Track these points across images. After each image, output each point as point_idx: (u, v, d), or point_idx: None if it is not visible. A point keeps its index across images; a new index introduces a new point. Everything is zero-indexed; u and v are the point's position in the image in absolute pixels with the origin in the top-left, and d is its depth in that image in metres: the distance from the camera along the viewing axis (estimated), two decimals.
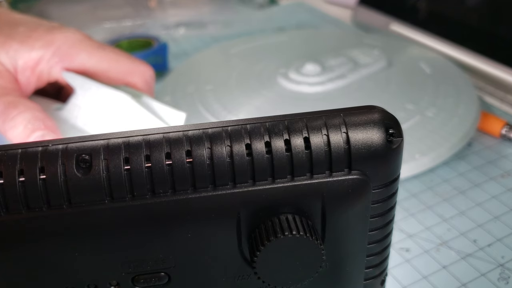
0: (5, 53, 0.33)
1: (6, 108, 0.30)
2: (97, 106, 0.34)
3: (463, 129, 0.40)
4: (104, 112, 0.33)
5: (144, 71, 0.37)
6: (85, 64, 0.35)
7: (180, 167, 0.18)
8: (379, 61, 0.50)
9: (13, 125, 0.30)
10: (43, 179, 0.17)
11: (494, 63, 0.49)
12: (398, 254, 0.32)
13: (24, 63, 0.33)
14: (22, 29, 0.34)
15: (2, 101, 0.31)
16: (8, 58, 0.33)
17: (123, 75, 0.36)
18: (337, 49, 0.53)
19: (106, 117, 0.33)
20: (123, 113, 0.33)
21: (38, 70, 0.34)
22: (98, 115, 0.34)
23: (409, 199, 0.36)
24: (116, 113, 0.33)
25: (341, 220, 0.20)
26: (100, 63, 0.35)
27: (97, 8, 0.75)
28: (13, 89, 0.32)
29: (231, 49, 0.57)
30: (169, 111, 0.35)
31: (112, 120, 0.33)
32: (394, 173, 0.20)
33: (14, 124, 0.30)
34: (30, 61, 0.33)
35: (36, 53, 0.33)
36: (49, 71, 0.34)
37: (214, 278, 0.20)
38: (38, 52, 0.33)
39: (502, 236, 0.33)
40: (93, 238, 0.18)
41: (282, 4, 0.78)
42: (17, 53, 0.33)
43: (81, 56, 0.34)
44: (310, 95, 0.47)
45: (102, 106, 0.33)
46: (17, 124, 0.30)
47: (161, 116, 0.34)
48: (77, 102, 0.34)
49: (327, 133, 0.18)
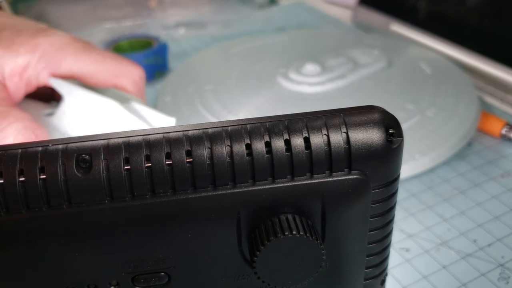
0: None
1: None
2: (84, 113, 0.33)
3: (463, 129, 0.40)
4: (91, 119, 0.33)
5: (132, 72, 0.37)
6: (72, 68, 0.34)
7: (180, 167, 0.18)
8: (379, 61, 0.50)
9: (4, 136, 0.29)
10: (43, 179, 0.17)
11: (494, 63, 0.49)
12: (398, 254, 0.32)
13: (11, 69, 0.32)
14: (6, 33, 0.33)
15: None
16: None
17: (110, 77, 0.35)
18: (337, 49, 0.53)
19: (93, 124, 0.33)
20: (110, 119, 0.33)
21: (26, 76, 0.33)
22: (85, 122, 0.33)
23: (409, 199, 0.36)
24: (103, 119, 0.33)
25: (341, 220, 0.20)
26: (87, 66, 0.35)
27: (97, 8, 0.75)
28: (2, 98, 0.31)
29: (231, 49, 0.57)
30: (158, 116, 0.35)
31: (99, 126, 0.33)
32: (394, 173, 0.20)
33: (4, 135, 0.29)
34: (17, 67, 0.32)
35: (22, 59, 0.33)
36: (37, 76, 0.33)
37: (214, 278, 0.20)
38: (23, 58, 0.33)
39: (502, 236, 0.33)
40: (93, 238, 0.18)
41: (282, 4, 0.78)
42: (2, 59, 0.32)
43: (67, 60, 0.34)
44: (310, 95, 0.47)
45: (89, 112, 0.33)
46: (7, 135, 0.29)
47: (149, 121, 0.34)
48: (65, 109, 0.34)
49: (327, 133, 0.18)
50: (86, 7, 0.76)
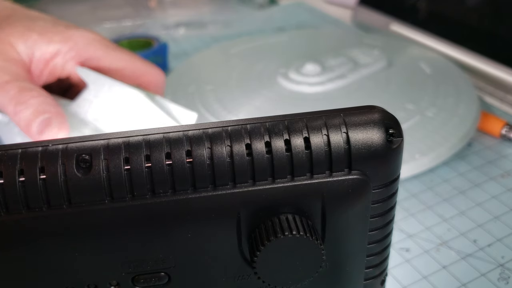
0: (23, 42, 0.33)
1: (19, 91, 0.31)
2: (110, 102, 0.34)
3: (463, 129, 0.40)
4: (116, 109, 0.34)
5: (157, 74, 0.38)
6: (100, 62, 0.36)
7: (180, 167, 0.18)
8: (379, 61, 0.50)
9: (24, 108, 0.31)
10: (43, 179, 0.17)
11: (494, 63, 0.49)
12: (398, 254, 0.32)
13: (41, 54, 0.34)
14: (41, 23, 0.35)
15: (16, 85, 0.31)
16: (26, 48, 0.33)
17: (137, 76, 0.37)
18: (337, 49, 0.53)
19: (118, 114, 0.34)
20: (136, 110, 0.34)
21: (53, 64, 0.35)
22: (110, 111, 0.34)
23: (409, 199, 0.36)
24: (129, 110, 0.34)
25: (341, 220, 0.20)
26: (116, 62, 0.36)
27: (97, 8, 0.75)
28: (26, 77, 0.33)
29: (231, 49, 0.57)
30: (181, 111, 0.35)
31: (124, 117, 0.34)
32: (394, 173, 0.20)
33: (25, 106, 0.31)
34: (47, 53, 0.34)
35: (54, 47, 0.34)
36: (64, 65, 0.35)
37: (214, 278, 0.20)
38: (56, 45, 0.34)
39: (502, 236, 0.33)
40: (93, 238, 0.18)
41: (282, 4, 0.78)
42: (35, 44, 0.34)
43: (97, 54, 0.35)
44: (310, 95, 0.47)
45: (115, 102, 0.34)
46: (28, 106, 0.31)
47: (174, 115, 0.35)
48: (89, 97, 0.34)
49: (327, 133, 0.18)
50: (86, 7, 0.76)
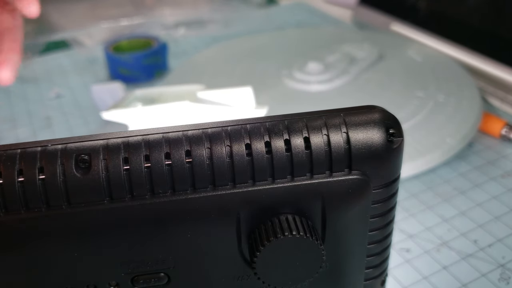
0: None
1: None
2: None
3: (464, 129, 0.40)
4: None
5: None
6: None
7: (179, 167, 0.18)
8: (380, 60, 0.50)
9: None
10: (42, 179, 0.17)
11: (495, 63, 0.49)
12: (398, 255, 0.32)
13: None
14: None
15: None
16: None
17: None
18: (336, 47, 0.53)
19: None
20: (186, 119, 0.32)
21: None
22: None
23: (409, 199, 0.36)
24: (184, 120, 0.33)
25: (341, 220, 0.20)
26: None
27: (96, 8, 0.75)
28: None
29: (231, 49, 0.57)
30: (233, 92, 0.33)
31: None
32: (395, 173, 0.20)
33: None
34: None
35: None
36: None
37: (214, 279, 0.20)
38: None
39: (502, 236, 0.33)
40: (92, 239, 0.18)
41: (282, 4, 0.78)
42: None
43: None
44: (311, 94, 0.46)
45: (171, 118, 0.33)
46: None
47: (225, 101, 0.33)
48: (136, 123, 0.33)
49: (327, 133, 0.18)
50: (85, 7, 0.76)
